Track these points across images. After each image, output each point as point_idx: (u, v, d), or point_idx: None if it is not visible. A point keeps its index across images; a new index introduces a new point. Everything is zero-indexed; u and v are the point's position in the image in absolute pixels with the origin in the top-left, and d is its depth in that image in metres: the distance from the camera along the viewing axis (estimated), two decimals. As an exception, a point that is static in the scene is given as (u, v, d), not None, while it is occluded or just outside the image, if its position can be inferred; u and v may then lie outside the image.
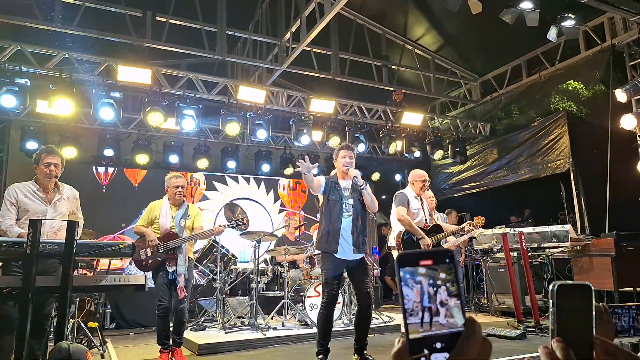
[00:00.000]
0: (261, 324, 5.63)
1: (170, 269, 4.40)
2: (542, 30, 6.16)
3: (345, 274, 4.39)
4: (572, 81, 7.54)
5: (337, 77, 7.36)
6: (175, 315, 4.49)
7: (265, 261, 6.86)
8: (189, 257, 4.56)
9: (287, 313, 6.10)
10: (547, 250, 6.52)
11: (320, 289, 5.67)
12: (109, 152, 7.54)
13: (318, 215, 4.31)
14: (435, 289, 0.53)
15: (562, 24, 6.06)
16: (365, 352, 3.98)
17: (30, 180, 3.69)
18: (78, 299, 4.89)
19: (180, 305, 4.43)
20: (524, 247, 5.87)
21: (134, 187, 8.23)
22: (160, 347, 4.42)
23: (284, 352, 4.85)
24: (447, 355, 0.52)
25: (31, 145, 6.76)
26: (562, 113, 7.66)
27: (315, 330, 5.27)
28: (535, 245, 6.48)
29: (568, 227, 6.26)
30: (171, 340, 4.51)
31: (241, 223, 4.91)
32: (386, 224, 9.84)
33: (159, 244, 4.38)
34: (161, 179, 4.87)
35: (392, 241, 4.84)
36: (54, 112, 6.12)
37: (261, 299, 6.14)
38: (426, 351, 0.52)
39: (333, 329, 4.09)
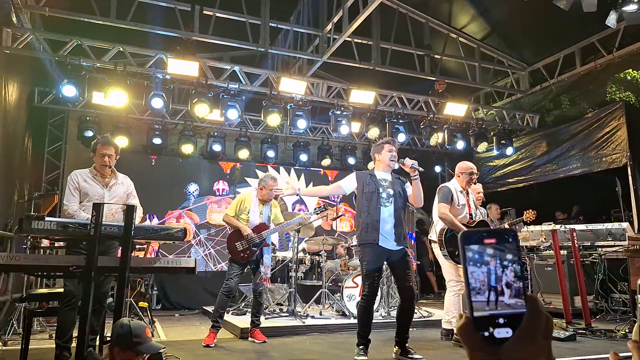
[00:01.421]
0: (299, 312, 5.76)
1: (251, 259, 4.75)
2: (599, 16, 5.85)
3: (386, 266, 4.38)
4: (631, 70, 7.16)
5: (378, 68, 7.33)
6: (255, 298, 4.83)
7: (303, 250, 6.99)
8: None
9: (325, 302, 6.20)
10: (600, 249, 6.26)
11: (358, 280, 5.76)
12: (157, 141, 7.88)
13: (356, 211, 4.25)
14: (501, 269, 0.55)
15: (623, 8, 5.74)
16: (407, 344, 3.97)
17: (90, 167, 3.94)
18: (130, 280, 5.19)
19: (259, 287, 4.81)
20: (576, 245, 5.61)
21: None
22: (212, 324, 4.66)
23: (323, 341, 4.95)
24: (509, 330, 0.54)
25: (87, 134, 7.16)
26: (619, 104, 7.30)
27: (353, 320, 5.36)
28: (588, 244, 6.22)
29: (625, 225, 5.97)
30: (250, 322, 4.87)
31: (324, 209, 5.13)
32: (421, 219, 9.74)
33: (253, 235, 4.68)
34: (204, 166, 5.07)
35: (433, 235, 4.77)
36: (109, 103, 6.44)
37: (299, 288, 6.27)
38: (491, 329, 0.54)
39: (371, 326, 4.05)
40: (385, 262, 4.07)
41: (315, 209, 5.19)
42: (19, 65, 5.96)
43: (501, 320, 0.54)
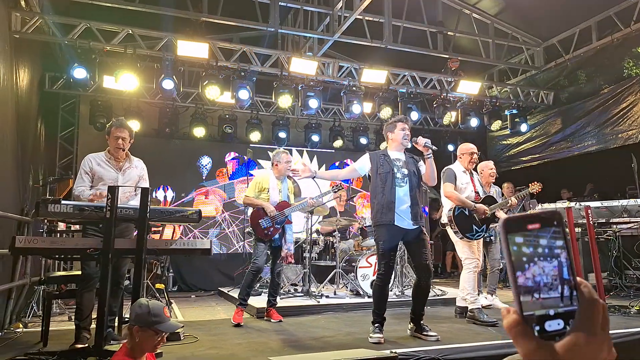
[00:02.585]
0: (314, 292, 5.81)
1: (275, 237, 4.79)
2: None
3: (400, 245, 4.38)
4: (648, 45, 6.97)
5: (390, 46, 7.19)
6: (273, 278, 4.89)
7: (317, 231, 7.00)
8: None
9: (339, 282, 6.24)
10: (615, 226, 6.20)
11: (372, 260, 5.77)
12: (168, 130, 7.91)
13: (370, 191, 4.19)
14: (550, 259, 0.50)
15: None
16: (422, 322, 3.98)
17: (104, 151, 3.95)
18: (147, 262, 5.25)
19: (278, 268, 4.88)
20: (591, 222, 5.56)
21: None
22: (239, 301, 4.71)
23: (337, 319, 4.99)
24: (560, 321, 0.50)
25: (99, 119, 7.17)
26: (636, 79, 7.12)
27: (367, 299, 5.40)
28: (603, 221, 6.16)
29: (642, 201, 5.90)
30: (267, 301, 4.93)
31: (340, 187, 5.21)
32: (436, 199, 9.69)
33: (276, 212, 4.73)
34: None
35: (444, 218, 4.80)
36: (119, 87, 6.44)
37: (313, 268, 6.31)
38: (541, 322, 0.50)
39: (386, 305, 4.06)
40: (400, 241, 4.08)
41: (333, 187, 5.25)
42: (29, 50, 5.95)
43: (551, 312, 0.50)
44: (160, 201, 8.13)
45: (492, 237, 5.43)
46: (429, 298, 5.85)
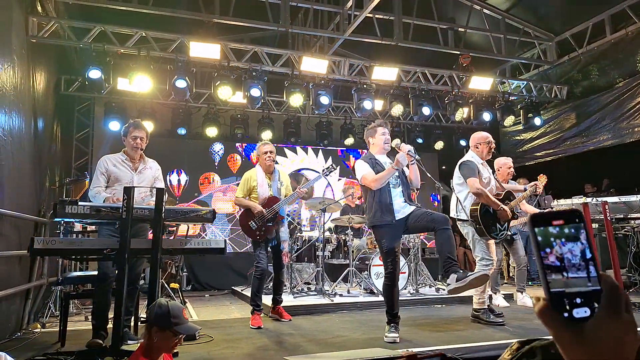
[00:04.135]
0: (327, 291, 5.81)
1: (269, 236, 4.70)
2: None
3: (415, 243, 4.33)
4: (664, 37, 6.84)
5: (401, 43, 7.16)
6: (276, 277, 4.87)
7: (329, 229, 7.00)
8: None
9: (353, 281, 6.23)
10: (634, 221, 6.10)
11: (385, 257, 5.75)
12: (181, 132, 7.97)
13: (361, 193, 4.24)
14: (573, 247, 0.56)
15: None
16: (458, 268, 3.66)
17: (119, 152, 4.00)
18: (162, 262, 5.31)
19: (281, 268, 4.85)
20: (608, 218, 5.48)
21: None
22: (252, 307, 4.66)
23: (352, 318, 4.98)
24: (587, 309, 0.54)
25: (113, 121, 7.26)
26: (652, 72, 7.00)
27: (381, 298, 5.35)
28: (621, 216, 6.07)
29: (660, 196, 5.81)
30: (272, 299, 4.90)
31: (333, 169, 5.04)
32: (447, 196, 9.63)
33: (264, 211, 4.62)
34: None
35: (459, 213, 4.50)
36: (133, 88, 6.51)
37: (327, 267, 6.30)
38: (569, 309, 0.55)
39: (399, 299, 4.05)
40: (403, 231, 4.01)
41: (323, 169, 4.99)
42: (45, 54, 6.05)
43: (578, 300, 0.55)
44: (174, 185, 8.24)
45: (514, 235, 5.34)
46: (444, 297, 5.87)
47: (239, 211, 8.38)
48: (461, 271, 3.59)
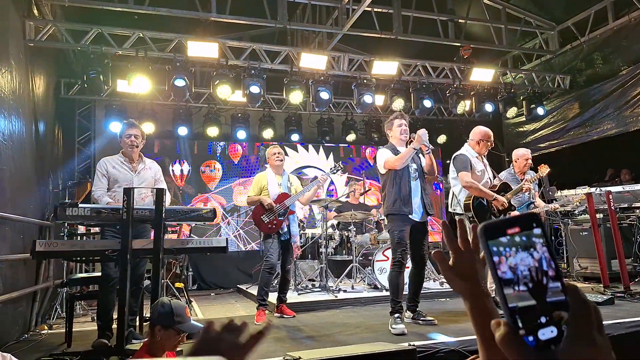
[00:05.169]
0: (331, 287, 5.81)
1: (281, 231, 4.77)
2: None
3: None
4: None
5: (400, 37, 7.11)
6: (282, 275, 4.90)
7: (332, 226, 7.00)
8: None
9: (356, 277, 6.23)
10: (638, 211, 6.05)
11: (388, 253, 5.74)
12: (182, 131, 7.97)
13: (380, 183, 4.46)
14: (529, 257, 0.50)
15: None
16: (418, 309, 4.22)
17: (118, 154, 4.01)
18: (165, 262, 5.32)
19: (288, 265, 4.89)
20: (612, 207, 5.43)
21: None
22: (259, 302, 4.72)
23: (356, 313, 4.98)
24: (553, 329, 0.48)
25: (114, 122, 7.27)
26: (657, 58, 6.91)
27: (385, 293, 5.39)
28: (625, 206, 6.02)
29: (665, 184, 5.75)
30: (276, 298, 4.93)
31: (340, 168, 5.24)
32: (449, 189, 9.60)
33: (275, 205, 4.73)
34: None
35: (454, 207, 4.58)
36: (133, 90, 6.52)
37: (330, 263, 6.31)
38: (534, 330, 0.48)
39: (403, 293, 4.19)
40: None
41: (330, 168, 5.25)
42: (43, 58, 6.06)
43: (543, 319, 0.48)
44: (176, 175, 8.27)
45: None
46: (448, 290, 5.87)
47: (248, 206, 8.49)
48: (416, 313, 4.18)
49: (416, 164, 4.23)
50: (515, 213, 5.15)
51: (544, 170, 5.06)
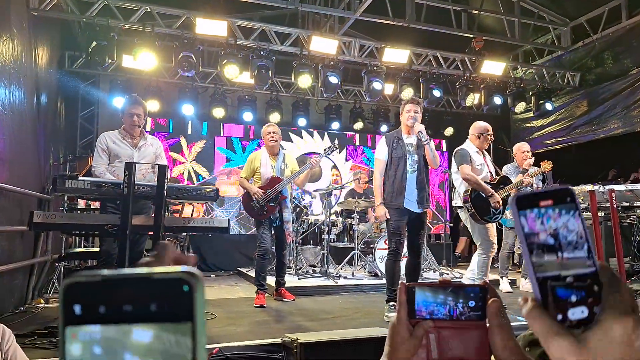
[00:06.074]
0: (332, 273, 5.79)
1: (272, 216, 4.66)
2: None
3: None
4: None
5: (413, 24, 6.98)
6: (278, 258, 4.83)
7: (335, 213, 6.96)
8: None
9: (357, 264, 6.20)
10: (639, 210, 6.02)
11: (390, 242, 5.72)
12: (187, 109, 7.86)
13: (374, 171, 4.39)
14: (561, 229, 0.48)
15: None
16: None
17: (119, 129, 3.94)
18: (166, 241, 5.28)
19: (283, 249, 4.80)
20: (614, 205, 5.41)
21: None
22: (257, 287, 4.67)
23: (355, 300, 4.98)
24: (584, 309, 0.45)
25: (118, 98, 7.17)
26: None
27: (385, 281, 5.36)
28: (627, 205, 5.99)
29: (668, 185, 5.71)
30: (275, 281, 4.87)
31: (335, 149, 5.09)
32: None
33: (264, 192, 4.59)
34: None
35: (457, 200, 4.69)
36: (138, 66, 6.40)
37: (332, 250, 6.29)
38: (564, 308, 0.46)
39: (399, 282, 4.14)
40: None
41: (324, 149, 5.08)
42: (48, 29, 5.95)
43: (573, 298, 0.46)
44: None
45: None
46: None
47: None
48: None
49: (418, 155, 4.15)
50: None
51: (547, 166, 5.12)
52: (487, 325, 0.64)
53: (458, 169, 4.54)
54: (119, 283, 0.32)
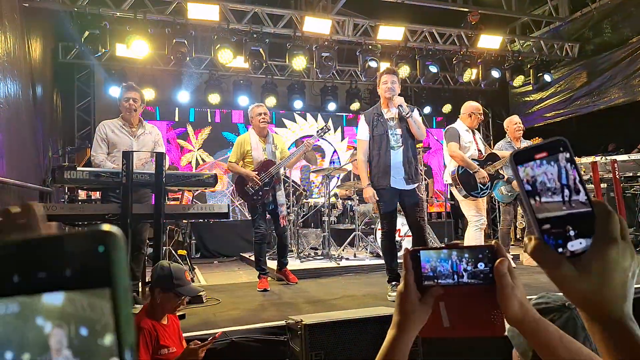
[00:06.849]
0: (334, 255, 5.82)
1: (266, 200, 4.61)
2: None
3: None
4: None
5: (407, 1, 6.89)
6: (279, 240, 4.82)
7: (335, 195, 6.97)
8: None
9: (359, 245, 6.24)
10: (643, 179, 6.02)
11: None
12: (183, 96, 7.83)
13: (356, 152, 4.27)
14: (557, 174, 0.53)
15: None
16: None
17: (117, 118, 3.93)
18: (167, 229, 5.31)
19: (283, 231, 4.76)
20: (617, 176, 5.41)
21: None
22: (259, 272, 4.67)
23: (358, 280, 5.01)
24: (582, 240, 0.52)
25: (114, 88, 7.14)
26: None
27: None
28: (630, 175, 5.98)
29: (671, 152, 5.70)
30: (277, 262, 4.88)
31: (327, 130, 5.04)
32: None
33: (259, 176, 4.50)
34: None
35: (448, 178, 4.81)
36: (132, 55, 6.35)
37: (333, 232, 6.30)
38: (564, 242, 0.52)
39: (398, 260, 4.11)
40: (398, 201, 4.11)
41: (317, 130, 5.00)
42: (40, 20, 5.88)
43: (572, 233, 0.52)
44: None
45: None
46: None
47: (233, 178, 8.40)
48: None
49: (402, 129, 3.90)
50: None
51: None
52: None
53: (447, 146, 4.70)
54: (31, 248, 0.28)
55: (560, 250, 0.52)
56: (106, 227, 0.28)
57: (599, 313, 0.53)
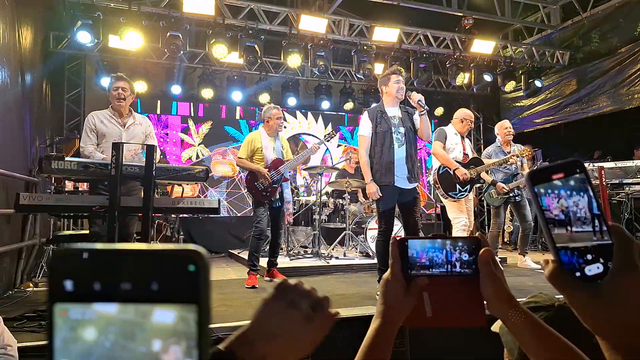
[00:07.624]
0: (324, 253, 5.82)
1: (274, 197, 4.66)
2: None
3: None
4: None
5: (403, 3, 6.91)
6: (273, 238, 4.81)
7: (326, 194, 6.97)
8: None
9: (349, 244, 6.24)
10: (628, 187, 6.10)
11: (381, 221, 5.75)
12: (176, 89, 7.75)
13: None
14: (577, 199, 0.52)
15: None
16: None
17: (107, 108, 3.88)
18: (156, 223, 5.26)
19: (278, 230, 4.78)
20: (604, 183, 5.48)
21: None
22: (249, 267, 4.66)
23: (347, 279, 5.01)
24: (599, 265, 0.51)
25: (105, 79, 7.03)
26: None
27: (376, 261, 5.41)
28: (616, 182, 6.07)
29: (657, 161, 5.79)
30: (267, 262, 4.85)
31: (334, 134, 5.13)
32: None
33: (270, 172, 4.57)
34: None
35: (431, 178, 5.01)
36: (125, 47, 6.27)
37: (323, 230, 6.30)
38: (581, 266, 0.51)
39: None
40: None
41: (325, 135, 5.14)
42: (31, 8, 5.78)
43: (589, 256, 0.51)
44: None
45: (516, 197, 5.45)
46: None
47: (240, 173, 8.34)
48: None
49: (405, 128, 3.94)
50: (521, 182, 5.30)
51: (527, 152, 5.38)
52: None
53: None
54: (117, 258, 0.29)
55: (577, 274, 0.51)
56: (195, 247, 0.30)
57: (619, 343, 0.51)
